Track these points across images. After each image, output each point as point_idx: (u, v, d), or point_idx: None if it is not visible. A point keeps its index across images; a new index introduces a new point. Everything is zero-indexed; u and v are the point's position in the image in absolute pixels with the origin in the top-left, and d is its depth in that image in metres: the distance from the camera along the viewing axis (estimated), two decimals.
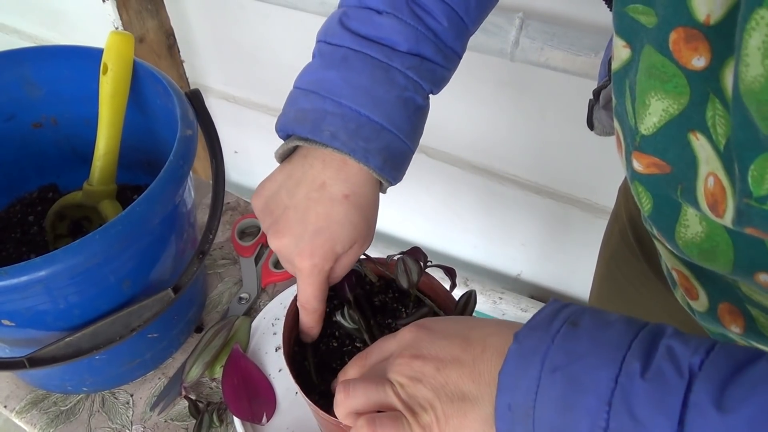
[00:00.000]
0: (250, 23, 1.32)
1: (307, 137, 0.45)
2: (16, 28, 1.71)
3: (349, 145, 0.44)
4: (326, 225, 0.45)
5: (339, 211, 0.45)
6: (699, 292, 0.48)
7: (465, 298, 0.50)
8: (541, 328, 0.34)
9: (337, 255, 0.46)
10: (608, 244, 0.74)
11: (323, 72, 0.47)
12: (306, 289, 0.47)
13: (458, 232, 1.48)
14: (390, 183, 0.47)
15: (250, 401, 0.60)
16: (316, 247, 0.45)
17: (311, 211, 0.45)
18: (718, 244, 0.39)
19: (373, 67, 0.45)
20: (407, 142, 0.47)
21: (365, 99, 0.45)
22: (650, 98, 0.37)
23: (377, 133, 0.45)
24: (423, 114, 0.48)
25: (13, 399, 0.63)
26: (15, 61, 0.63)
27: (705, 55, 0.32)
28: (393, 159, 0.46)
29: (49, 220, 0.68)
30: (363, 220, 0.46)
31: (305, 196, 0.45)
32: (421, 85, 0.47)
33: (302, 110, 0.46)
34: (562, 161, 1.21)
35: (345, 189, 0.45)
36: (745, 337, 0.46)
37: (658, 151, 0.38)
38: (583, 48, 0.94)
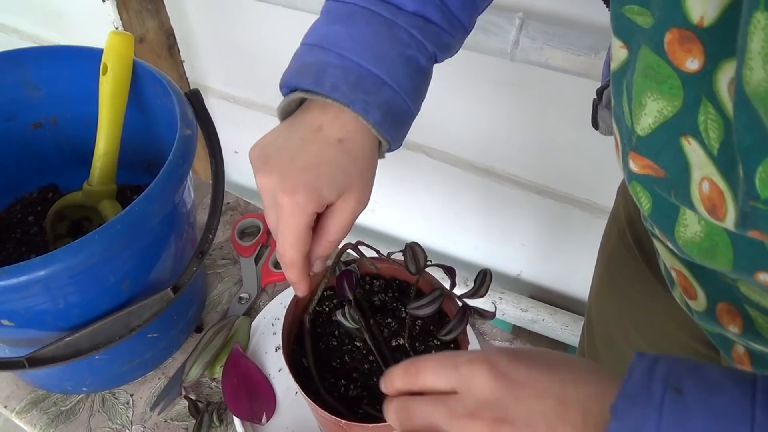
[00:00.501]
0: (250, 23, 1.32)
1: (309, 89, 0.45)
2: (16, 28, 1.71)
3: (349, 96, 0.43)
4: (315, 163, 0.43)
5: (330, 152, 0.44)
6: (697, 292, 0.48)
7: (481, 276, 0.50)
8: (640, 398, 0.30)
9: (323, 200, 0.43)
10: (607, 244, 0.74)
11: (328, 26, 0.47)
12: (284, 232, 0.43)
13: (458, 232, 1.48)
14: (388, 143, 0.46)
15: (250, 401, 0.60)
16: (300, 184, 0.43)
17: (302, 150, 0.44)
18: (717, 244, 0.38)
19: (378, 23, 0.45)
20: (408, 101, 0.46)
21: (368, 52, 0.45)
22: (646, 98, 0.37)
23: (378, 87, 0.44)
24: (425, 76, 0.48)
25: (13, 399, 0.63)
26: (15, 61, 0.63)
27: (698, 58, 0.32)
28: (393, 116, 0.45)
29: (49, 220, 0.68)
30: (355, 169, 0.44)
31: (300, 137, 0.45)
32: (425, 46, 0.47)
33: (305, 63, 0.46)
34: (562, 161, 1.21)
35: (340, 133, 0.44)
36: (743, 337, 0.46)
37: (651, 153, 0.38)
38: (583, 48, 0.94)
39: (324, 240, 0.45)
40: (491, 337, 0.67)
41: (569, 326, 1.42)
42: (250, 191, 1.78)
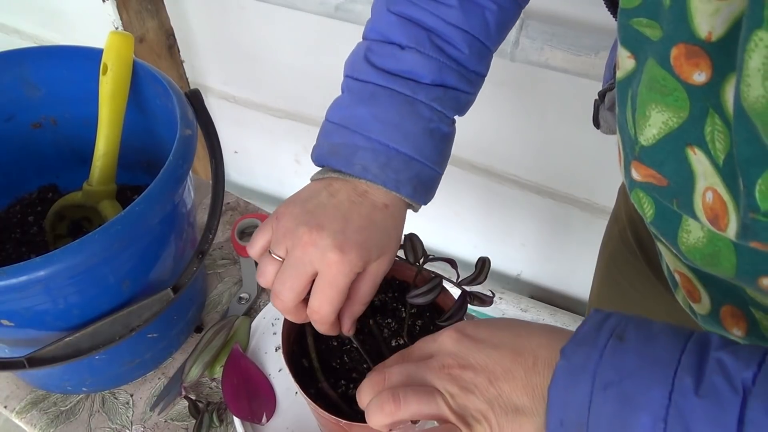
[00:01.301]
0: (250, 23, 1.32)
1: (340, 170, 0.47)
2: (16, 28, 1.71)
3: (380, 177, 0.46)
4: (368, 225, 0.45)
5: (379, 216, 0.46)
6: (701, 295, 0.48)
7: (480, 264, 0.50)
8: (588, 342, 0.34)
9: (368, 261, 0.45)
10: (608, 244, 0.74)
11: (353, 108, 0.49)
12: (326, 289, 0.44)
13: (458, 231, 1.48)
14: (420, 205, 0.49)
15: (250, 401, 0.60)
16: (354, 243, 0.44)
17: (354, 212, 0.46)
18: (720, 250, 0.39)
19: (400, 102, 0.48)
20: (435, 169, 0.49)
21: (394, 133, 0.47)
22: (651, 110, 0.37)
23: (407, 164, 0.47)
24: (449, 140, 0.51)
25: (13, 399, 0.63)
26: (15, 62, 0.63)
27: (706, 71, 0.33)
28: (423, 185, 0.48)
29: (48, 220, 0.68)
30: (396, 233, 0.47)
31: (347, 199, 0.46)
32: (446, 114, 0.49)
33: (335, 144, 0.48)
34: (562, 161, 1.21)
35: (386, 200, 0.47)
36: (746, 340, 0.46)
37: (655, 163, 0.39)
38: (583, 48, 0.94)
39: (357, 302, 0.47)
40: None
41: (569, 326, 1.42)
42: (250, 191, 1.78)
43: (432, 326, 0.54)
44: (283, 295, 0.45)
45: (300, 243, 0.44)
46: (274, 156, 1.61)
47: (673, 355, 0.32)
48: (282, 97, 1.44)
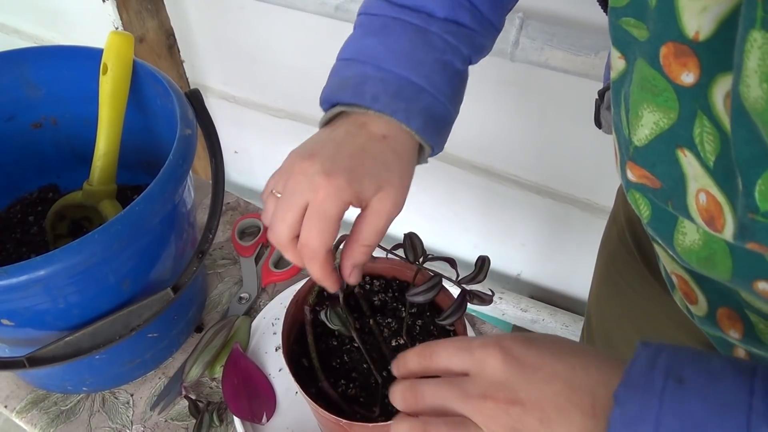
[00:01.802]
0: (250, 23, 1.32)
1: (350, 102, 0.45)
2: (16, 28, 1.71)
3: (390, 106, 0.44)
4: (360, 153, 0.43)
5: (375, 146, 0.44)
6: (698, 297, 0.48)
7: (480, 262, 0.49)
8: (642, 385, 0.31)
9: (361, 191, 0.42)
10: (606, 245, 0.74)
11: (363, 40, 0.47)
12: (312, 218, 0.41)
13: (458, 232, 1.48)
14: (431, 148, 0.46)
15: (250, 401, 0.60)
16: (343, 168, 0.41)
17: (347, 141, 0.44)
18: (716, 252, 0.39)
19: (412, 32, 0.46)
20: (447, 105, 0.47)
21: (405, 61, 0.45)
22: (643, 110, 0.37)
23: (417, 94, 0.45)
24: (462, 79, 0.49)
25: (14, 399, 0.63)
26: (15, 62, 0.63)
27: (694, 71, 0.32)
28: (434, 121, 0.46)
29: (49, 220, 0.68)
30: (397, 167, 0.44)
31: (345, 131, 0.45)
32: (460, 49, 0.48)
33: (344, 78, 0.46)
34: (562, 161, 1.21)
35: (384, 131, 0.44)
36: (743, 342, 0.46)
37: (647, 164, 0.39)
38: (583, 48, 0.94)
39: (357, 243, 0.44)
40: None
41: (569, 326, 1.42)
42: (250, 191, 1.78)
43: (432, 326, 0.54)
44: (275, 228, 0.43)
45: (293, 173, 0.43)
46: (274, 156, 1.60)
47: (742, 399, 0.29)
48: (282, 97, 1.44)
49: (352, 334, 0.50)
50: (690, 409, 0.29)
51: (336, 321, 0.50)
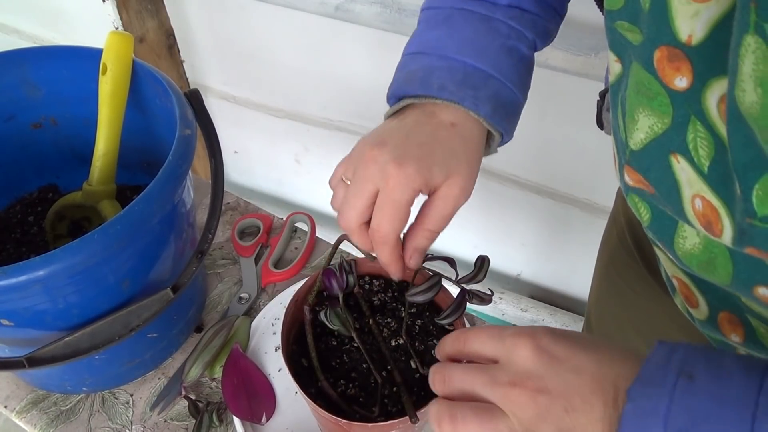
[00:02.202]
0: (250, 23, 1.32)
1: (417, 93, 0.45)
2: (16, 28, 1.71)
3: (457, 94, 0.44)
4: (429, 141, 0.43)
5: (443, 133, 0.44)
6: (699, 300, 0.48)
7: (479, 262, 0.49)
8: (655, 382, 0.32)
9: (431, 178, 0.42)
10: (606, 247, 0.74)
11: (428, 33, 0.48)
12: (385, 205, 0.42)
13: (458, 231, 1.48)
14: (500, 134, 0.46)
15: (249, 401, 0.60)
16: (413, 157, 0.42)
17: (416, 130, 0.44)
18: (716, 256, 0.39)
19: (476, 20, 0.47)
20: (515, 91, 0.47)
21: (470, 49, 0.45)
22: (639, 114, 0.37)
23: (484, 80, 0.45)
24: (529, 64, 0.49)
25: (13, 399, 0.63)
26: (15, 62, 0.63)
27: (687, 76, 0.32)
28: (502, 107, 0.46)
29: (48, 220, 0.68)
30: (465, 154, 0.44)
31: (414, 120, 0.45)
32: (524, 34, 0.48)
33: (410, 71, 0.47)
34: (562, 161, 1.21)
35: (453, 119, 0.44)
36: (744, 346, 0.46)
37: (642, 169, 0.39)
38: (583, 48, 0.94)
39: (423, 228, 0.44)
40: None
41: (569, 326, 1.42)
42: (250, 191, 1.78)
43: (431, 325, 0.54)
44: (345, 213, 0.44)
45: (363, 161, 0.44)
46: (274, 156, 1.61)
47: (750, 396, 0.29)
48: (282, 97, 1.44)
49: (351, 334, 0.50)
50: (698, 404, 0.30)
51: (336, 321, 0.50)
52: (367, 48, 1.20)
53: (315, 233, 0.77)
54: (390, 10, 1.05)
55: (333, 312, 0.50)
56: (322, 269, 0.52)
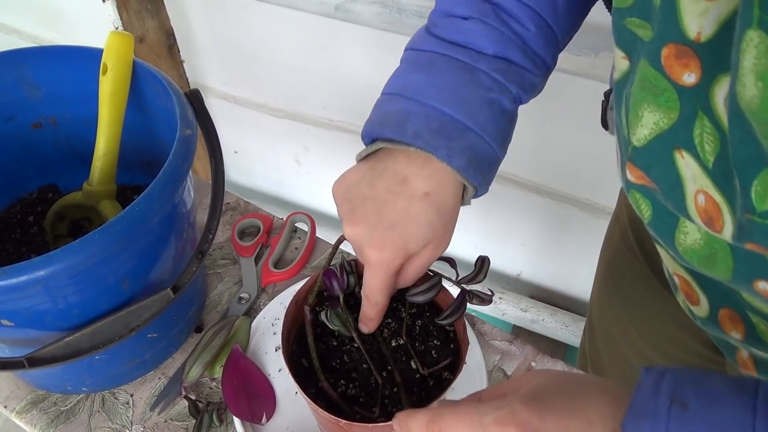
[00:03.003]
0: (250, 23, 1.32)
1: (391, 138, 0.45)
2: (16, 28, 1.71)
3: (431, 143, 0.43)
4: (402, 221, 0.44)
5: (417, 208, 0.44)
6: (700, 297, 0.48)
7: (479, 262, 0.49)
8: (648, 413, 0.31)
9: (409, 253, 0.44)
10: (609, 245, 0.74)
11: (409, 75, 0.47)
12: (371, 281, 0.46)
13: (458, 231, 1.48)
14: (475, 188, 0.46)
15: (249, 401, 0.60)
16: (388, 242, 0.43)
17: (389, 205, 0.44)
18: (717, 252, 0.39)
19: (458, 68, 0.45)
20: (492, 145, 0.46)
21: (449, 98, 0.44)
22: (643, 110, 0.37)
23: (461, 132, 0.44)
24: (510, 119, 0.47)
25: (13, 399, 0.63)
26: (15, 62, 0.63)
27: (695, 72, 0.33)
28: (477, 161, 0.45)
29: (48, 220, 0.68)
30: (440, 222, 0.45)
31: (385, 189, 0.45)
32: (508, 88, 0.46)
33: (387, 113, 0.46)
34: (562, 161, 1.21)
35: (426, 187, 0.44)
36: (745, 343, 0.46)
37: (644, 165, 0.39)
38: (583, 48, 0.94)
39: (400, 281, 0.47)
40: (491, 337, 0.67)
41: (569, 326, 1.42)
42: (250, 191, 1.78)
43: (431, 326, 0.54)
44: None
45: (348, 238, 0.46)
46: (274, 156, 1.61)
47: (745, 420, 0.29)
48: (282, 97, 1.44)
49: (352, 335, 0.50)
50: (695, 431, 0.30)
51: (336, 321, 0.50)
52: (367, 48, 1.20)
53: (315, 233, 0.77)
54: (390, 10, 1.05)
55: (333, 312, 0.50)
56: (323, 269, 0.52)
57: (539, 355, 0.65)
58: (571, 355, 1.49)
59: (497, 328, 0.68)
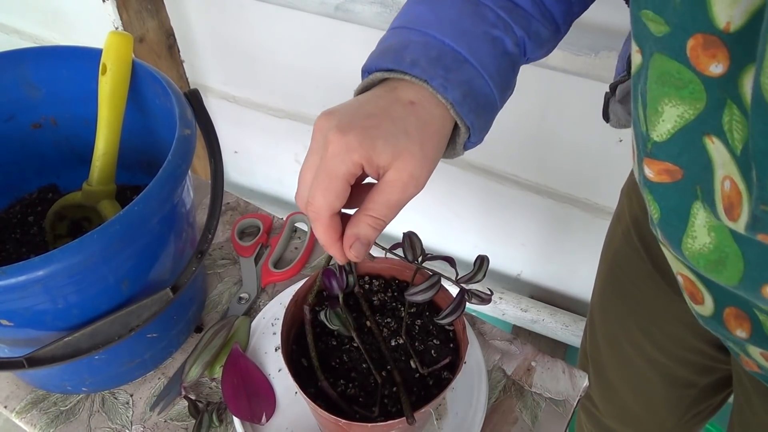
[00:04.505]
0: (250, 23, 1.32)
1: (389, 67, 0.42)
2: (16, 28, 1.71)
3: (428, 71, 0.41)
4: (379, 114, 0.40)
5: (398, 109, 0.41)
6: (704, 297, 0.48)
7: (479, 262, 0.49)
8: None
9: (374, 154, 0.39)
10: (611, 245, 0.74)
11: (413, 8, 0.46)
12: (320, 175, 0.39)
13: (458, 232, 1.48)
14: (467, 129, 0.43)
15: (249, 401, 0.60)
16: (357, 128, 0.39)
17: (371, 103, 0.41)
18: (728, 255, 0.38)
19: (464, 1, 0.44)
20: (491, 85, 0.43)
21: (450, 29, 0.43)
22: (663, 105, 0.36)
23: (459, 64, 0.42)
24: (512, 63, 0.45)
25: (13, 399, 0.63)
26: (15, 62, 0.63)
27: (723, 62, 0.32)
28: (473, 97, 0.42)
29: (48, 220, 0.68)
30: (418, 136, 0.40)
31: (372, 94, 0.42)
32: (513, 29, 0.44)
33: (388, 45, 0.44)
34: (562, 161, 1.21)
35: (413, 97, 0.41)
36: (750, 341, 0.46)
37: (671, 156, 0.38)
38: (583, 48, 0.94)
39: (365, 213, 0.40)
40: (491, 337, 0.67)
41: (569, 326, 1.42)
42: (249, 191, 1.78)
43: (431, 325, 0.54)
44: (297, 188, 0.42)
45: (313, 132, 0.42)
46: (274, 156, 1.61)
47: None
48: (282, 97, 1.45)
49: (351, 334, 0.50)
50: None
51: (335, 321, 0.50)
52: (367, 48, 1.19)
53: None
54: (390, 10, 1.05)
55: (333, 312, 0.50)
56: (322, 269, 0.52)
57: (539, 354, 0.65)
58: (571, 355, 1.49)
59: (497, 328, 0.68)
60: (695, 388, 0.73)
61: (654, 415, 0.79)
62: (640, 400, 0.78)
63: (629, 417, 0.82)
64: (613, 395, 0.82)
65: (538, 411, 0.61)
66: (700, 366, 0.69)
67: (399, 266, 0.56)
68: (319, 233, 0.41)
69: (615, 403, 0.83)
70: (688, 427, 0.79)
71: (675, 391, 0.74)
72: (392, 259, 0.53)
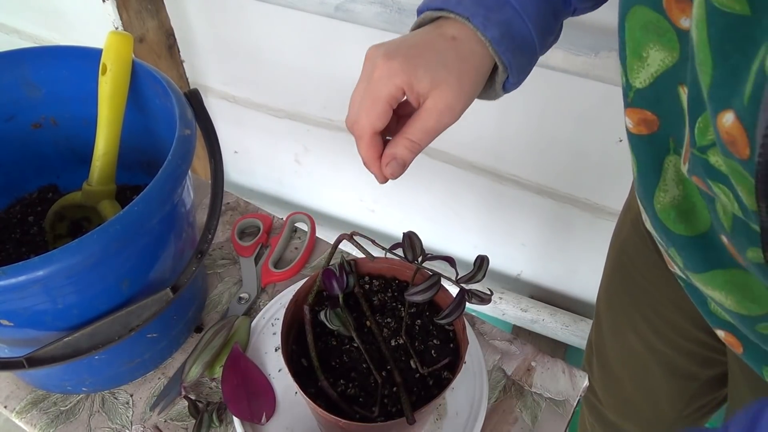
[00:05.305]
0: (250, 23, 1.32)
1: (437, 7, 0.46)
2: (16, 28, 1.71)
3: (470, 9, 0.44)
4: (423, 45, 0.44)
5: (440, 43, 0.44)
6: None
7: (479, 261, 0.49)
8: None
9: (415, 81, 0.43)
10: (619, 234, 0.75)
11: None
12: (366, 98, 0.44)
13: (458, 232, 1.48)
14: (505, 68, 0.46)
15: (249, 401, 0.60)
16: (402, 54, 0.43)
17: (417, 37, 0.45)
18: (695, 205, 0.42)
19: None
20: (530, 28, 0.46)
21: None
22: (648, 50, 0.39)
23: (500, 5, 0.44)
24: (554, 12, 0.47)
25: (13, 399, 0.63)
26: (15, 62, 0.63)
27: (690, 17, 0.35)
28: (511, 37, 0.44)
29: (48, 220, 0.68)
30: (457, 68, 0.44)
31: (420, 30, 0.46)
32: None
33: None
34: (563, 161, 1.21)
35: (456, 33, 0.44)
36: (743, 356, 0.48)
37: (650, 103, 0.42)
38: (583, 48, 0.94)
39: (403, 136, 0.45)
40: (491, 337, 0.67)
41: (569, 326, 1.42)
42: (249, 191, 1.78)
43: (431, 325, 0.54)
44: (349, 110, 0.46)
45: (364, 62, 0.45)
46: (274, 156, 1.61)
47: None
48: (282, 97, 1.45)
49: (351, 334, 0.50)
50: None
51: (335, 321, 0.50)
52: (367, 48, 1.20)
53: (315, 233, 0.77)
54: (390, 10, 1.05)
55: (333, 312, 0.50)
56: (322, 269, 0.52)
57: (539, 354, 0.65)
58: (571, 355, 1.49)
59: (497, 328, 0.68)
60: (696, 381, 0.73)
61: (654, 407, 0.79)
62: (641, 390, 0.79)
63: (630, 409, 0.82)
64: (615, 385, 0.82)
65: (538, 411, 0.61)
66: (699, 357, 0.70)
67: (399, 266, 0.56)
68: (362, 151, 0.45)
69: (617, 394, 0.83)
70: (688, 422, 0.79)
71: (675, 383, 0.75)
72: (392, 259, 0.53)
